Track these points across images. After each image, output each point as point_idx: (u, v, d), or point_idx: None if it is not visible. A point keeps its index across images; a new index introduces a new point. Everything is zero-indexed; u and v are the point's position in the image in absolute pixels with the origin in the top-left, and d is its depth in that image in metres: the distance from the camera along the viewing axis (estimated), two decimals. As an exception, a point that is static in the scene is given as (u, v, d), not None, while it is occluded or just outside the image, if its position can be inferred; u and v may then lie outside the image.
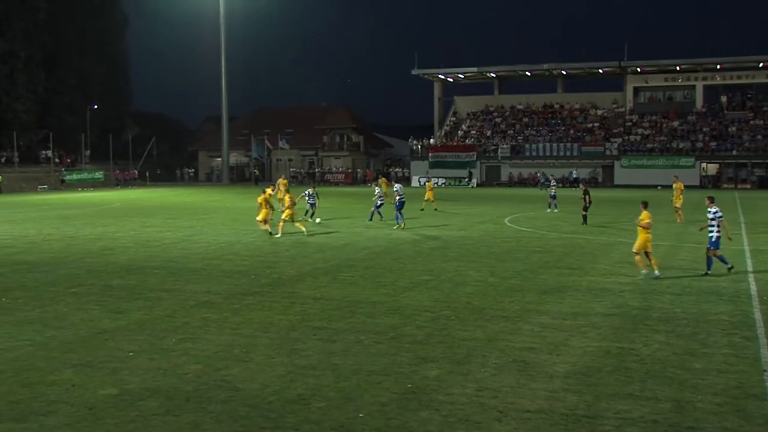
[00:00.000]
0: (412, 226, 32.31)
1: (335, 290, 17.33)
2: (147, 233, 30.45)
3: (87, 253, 24.18)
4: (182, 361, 11.55)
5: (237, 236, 29.03)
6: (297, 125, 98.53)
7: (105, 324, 14.04)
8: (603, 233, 29.49)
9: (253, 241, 27.40)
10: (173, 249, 25.27)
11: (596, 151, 76.91)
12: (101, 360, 11.60)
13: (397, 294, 16.81)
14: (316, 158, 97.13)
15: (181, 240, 27.91)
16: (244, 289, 17.61)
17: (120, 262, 22.10)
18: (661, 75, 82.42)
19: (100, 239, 28.42)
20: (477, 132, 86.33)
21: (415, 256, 23.17)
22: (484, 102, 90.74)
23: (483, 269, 20.27)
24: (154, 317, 14.60)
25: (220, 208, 44.77)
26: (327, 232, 29.99)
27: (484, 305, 15.52)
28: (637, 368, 11.06)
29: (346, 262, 21.76)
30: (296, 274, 19.69)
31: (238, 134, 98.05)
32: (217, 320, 14.29)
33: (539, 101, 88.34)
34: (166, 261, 22.35)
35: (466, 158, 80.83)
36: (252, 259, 22.69)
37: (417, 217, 37.20)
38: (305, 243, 26.50)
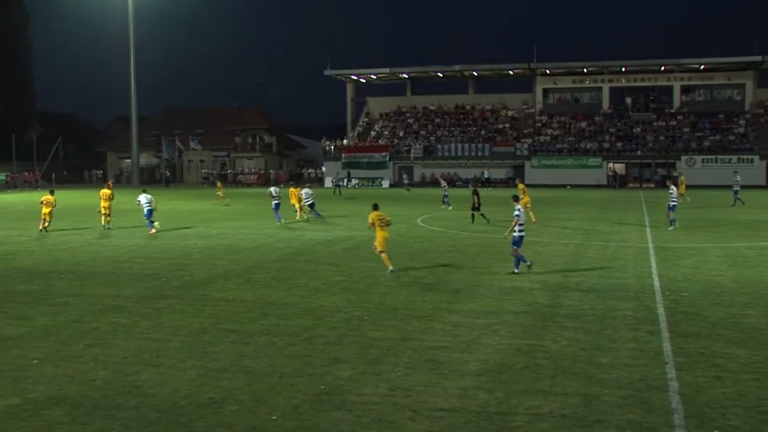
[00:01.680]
0: (324, 227, 32.28)
1: (247, 292, 17.16)
2: (53, 237, 29.50)
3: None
4: (90, 367, 11.23)
5: (147, 239, 28.43)
6: (209, 126, 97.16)
7: (7, 331, 13.53)
8: (513, 232, 30.04)
9: (164, 243, 26.88)
10: (81, 252, 24.56)
11: (507, 152, 78.44)
12: (2, 369, 11.18)
13: (311, 295, 16.77)
14: (228, 159, 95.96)
15: (89, 243, 27.15)
16: (155, 292, 17.26)
17: (24, 267, 21.35)
18: (570, 77, 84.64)
19: (2, 243, 27.38)
20: (390, 132, 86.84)
21: (329, 257, 23.16)
22: (397, 103, 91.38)
23: (400, 273, 20.36)
24: (60, 323, 14.16)
25: (129, 211, 43.74)
26: (239, 233, 29.68)
27: (396, 305, 15.62)
28: (547, 365, 11.32)
29: (259, 264, 21.58)
30: (208, 277, 19.42)
31: (149, 135, 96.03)
32: (126, 325, 13.96)
33: (451, 102, 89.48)
34: (74, 265, 21.71)
35: (379, 158, 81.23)
36: (162, 261, 22.26)
37: (329, 218, 37.15)
38: (216, 245, 26.16)
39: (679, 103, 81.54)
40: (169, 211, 43.18)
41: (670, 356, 11.71)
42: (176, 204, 48.79)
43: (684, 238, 27.49)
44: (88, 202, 52.14)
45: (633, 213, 39.86)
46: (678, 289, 17.37)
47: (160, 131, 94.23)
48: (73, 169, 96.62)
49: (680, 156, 73.65)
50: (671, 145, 76.09)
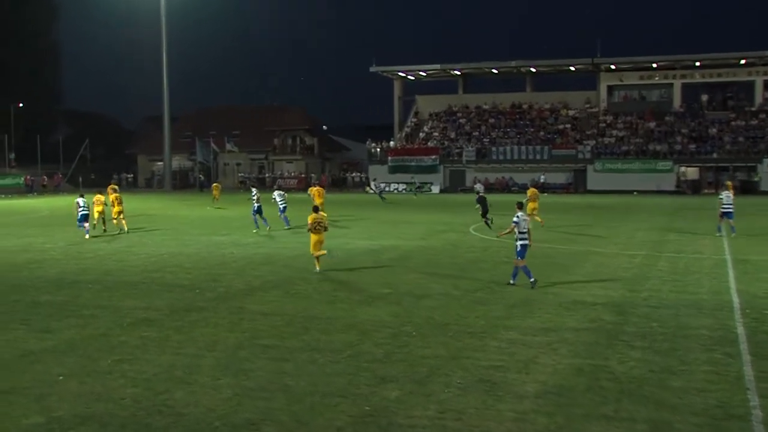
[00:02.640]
0: (371, 236, 32.36)
1: (287, 305, 17.26)
2: (80, 244, 30.02)
3: (10, 267, 23.77)
4: (118, 384, 11.39)
5: (180, 247, 28.78)
6: (245, 126, 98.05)
7: (31, 345, 13.80)
8: (573, 242, 29.79)
9: (198, 252, 27.19)
10: (109, 261, 24.96)
11: (567, 155, 77.80)
12: (26, 385, 11.39)
13: (354, 309, 16.80)
14: (266, 162, 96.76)
15: (117, 251, 27.58)
16: (188, 304, 17.45)
17: (49, 276, 21.77)
18: (637, 72, 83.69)
19: (26, 251, 27.95)
20: (440, 134, 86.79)
21: (373, 267, 23.18)
22: (448, 102, 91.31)
23: (446, 281, 20.33)
24: (87, 336, 14.40)
25: (161, 217, 44.35)
26: (277, 242, 29.89)
27: (447, 320, 15.57)
28: (612, 387, 11.18)
29: (299, 275, 21.69)
30: (244, 288, 19.58)
31: (181, 136, 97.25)
32: (157, 339, 14.14)
33: (506, 101, 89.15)
34: (101, 274, 22.07)
35: (429, 162, 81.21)
36: (196, 271, 22.51)
37: (374, 226, 37.22)
38: (254, 254, 26.38)
39: (761, 100, 80.00)
40: (204, 217, 43.70)
41: (752, 381, 11.46)
42: (210, 210, 49.36)
43: (766, 249, 26.95)
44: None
45: (707, 222, 39.20)
46: (760, 306, 17.02)
47: (194, 132, 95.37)
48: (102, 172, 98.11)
49: (762, 159, 72.21)
50: (752, 147, 74.61)
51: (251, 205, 35.47)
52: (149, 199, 68.69)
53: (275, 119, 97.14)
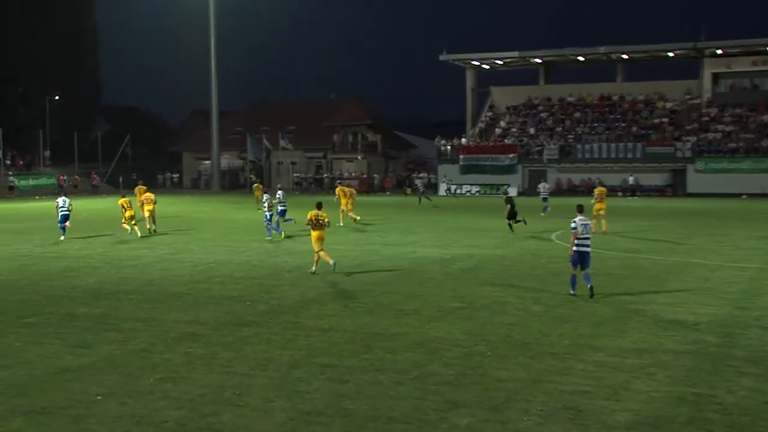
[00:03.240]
0: (441, 244, 32.31)
1: (347, 320, 17.30)
2: (120, 251, 30.59)
3: (45, 276, 24.34)
4: (161, 405, 11.53)
5: (229, 254, 29.12)
6: (302, 122, 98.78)
7: (67, 361, 14.06)
8: (671, 252, 29.32)
9: (248, 260, 27.47)
10: (152, 270, 25.37)
11: (664, 153, 76.48)
12: (61, 405, 11.60)
13: (422, 325, 16.76)
14: (324, 161, 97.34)
15: (161, 259, 28.02)
16: (237, 318, 17.62)
17: (86, 286, 22.20)
18: (748, 58, 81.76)
19: (62, 258, 28.58)
20: (518, 129, 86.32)
21: (444, 279, 23.13)
22: (527, 93, 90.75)
23: (525, 295, 20.18)
24: (127, 353, 14.62)
25: (208, 221, 44.92)
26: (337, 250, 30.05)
27: (526, 339, 15.44)
28: (719, 420, 10.94)
29: (360, 286, 21.75)
30: (300, 300, 19.70)
31: (231, 132, 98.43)
32: (204, 356, 14.28)
33: (594, 92, 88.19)
34: (143, 284, 22.43)
35: (505, 161, 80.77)
36: (247, 281, 22.73)
37: (444, 233, 37.14)
38: (310, 263, 26.50)
39: None
40: (256, 221, 44.10)
41: None
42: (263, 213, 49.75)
43: None
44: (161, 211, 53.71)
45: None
46: None
47: (245, 128, 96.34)
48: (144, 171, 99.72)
49: None
50: None
51: (274, 210, 35.81)
52: (196, 201, 69.69)
53: (334, 114, 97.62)
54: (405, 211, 54.28)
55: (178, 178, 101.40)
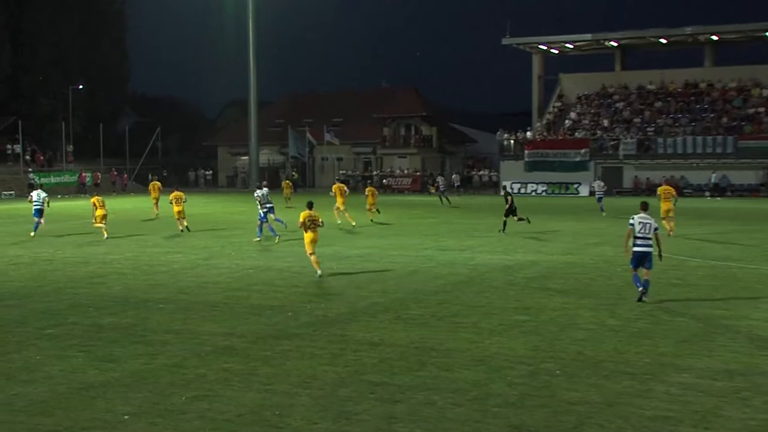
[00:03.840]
0: (504, 249, 32.18)
1: (399, 333, 17.30)
2: (150, 255, 30.92)
3: (68, 282, 24.67)
4: (195, 426, 11.61)
5: (269, 260, 29.30)
6: (349, 114, 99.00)
7: (92, 377, 14.22)
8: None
9: (290, 266, 27.59)
10: (184, 276, 25.61)
11: (760, 147, 75.12)
12: (85, 425, 11.72)
13: (483, 339, 16.70)
14: (373, 157, 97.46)
15: (195, 264, 28.27)
16: (279, 330, 17.70)
17: (113, 294, 22.45)
18: None
19: (87, 263, 28.95)
20: (591, 122, 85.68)
21: (506, 288, 23.03)
22: (601, 81, 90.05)
23: (599, 307, 20.02)
24: (157, 368, 14.74)
25: (246, 223, 45.17)
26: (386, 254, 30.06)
27: (600, 357, 15.32)
28: (818, 447, 10.76)
29: (414, 296, 21.74)
30: (347, 311, 19.73)
31: (271, 125, 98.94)
32: (241, 372, 14.36)
33: (678, 78, 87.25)
34: (175, 292, 22.64)
35: (576, 157, 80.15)
36: (289, 290, 22.83)
37: (508, 237, 37.00)
38: (359, 269, 26.58)
39: None
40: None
41: None
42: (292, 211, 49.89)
43: None
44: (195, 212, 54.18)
45: None
46: None
47: (287, 120, 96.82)
48: (176, 168, 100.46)
49: None
50: None
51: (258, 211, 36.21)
52: (232, 200, 70.16)
53: (385, 105, 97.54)
54: (461, 212, 54.19)
55: (211, 175, 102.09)
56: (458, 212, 54.19)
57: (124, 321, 18.77)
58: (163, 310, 19.98)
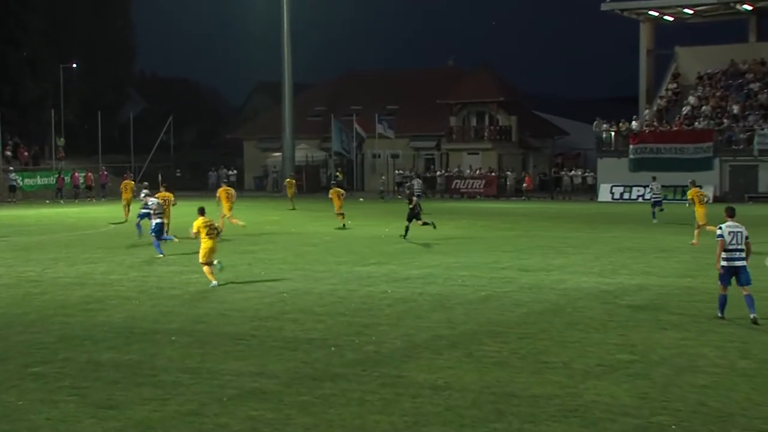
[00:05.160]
0: (601, 270, 31.95)
1: (469, 374, 17.24)
2: (159, 275, 31.08)
3: (59, 308, 24.83)
4: (214, 489, 11.65)
5: (307, 281, 29.35)
6: (407, 100, 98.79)
7: (87, 427, 14.30)
8: None
9: (334, 289, 27.62)
10: (202, 302, 25.75)
11: None
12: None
13: (576, 384, 16.60)
14: (437, 153, 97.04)
15: (215, 287, 28.38)
16: (319, 369, 17.70)
17: (114, 323, 22.57)
18: None
19: (82, 284, 29.16)
20: (715, 107, 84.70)
21: (606, 319, 22.86)
22: (730, 55, 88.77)
23: (726, 345, 19.81)
24: (168, 416, 14.82)
25: (279, 235, 45.30)
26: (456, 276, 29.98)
27: (729, 408, 15.18)
28: None
29: (488, 328, 21.66)
30: (404, 346, 19.69)
31: (310, 113, 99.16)
32: (273, 421, 14.41)
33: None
34: (191, 321, 22.75)
35: (696, 153, 79.26)
36: (331, 318, 22.86)
37: (606, 254, 36.75)
38: (419, 294, 26.50)
39: None
40: (344, 237, 44.33)
41: None
42: (353, 227, 50.01)
43: None
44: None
45: None
46: None
47: (330, 108, 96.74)
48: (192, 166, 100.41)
49: None
50: None
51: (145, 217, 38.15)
52: (261, 207, 70.30)
53: (452, 88, 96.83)
54: (548, 223, 53.93)
55: (236, 175, 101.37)
56: (544, 223, 53.93)
57: (128, 357, 18.85)
58: (176, 344, 20.06)
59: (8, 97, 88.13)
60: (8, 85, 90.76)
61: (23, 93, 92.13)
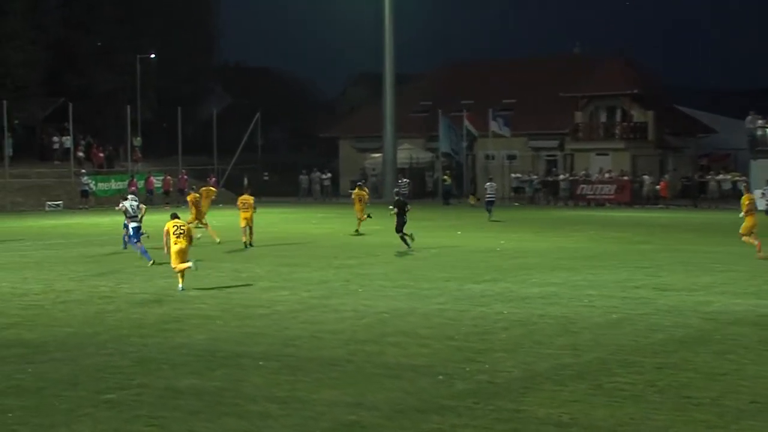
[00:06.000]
0: (758, 290, 31.53)
1: (599, 410, 17.10)
2: (244, 292, 31.33)
3: (134, 328, 25.13)
4: None
5: (411, 300, 29.37)
6: (525, 93, 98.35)
7: (169, 461, 14.44)
8: None
9: (441, 308, 27.58)
10: (292, 322, 25.84)
11: None
12: None
13: (727, 424, 16.36)
14: (560, 154, 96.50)
15: (306, 306, 28.53)
16: (425, 400, 17.65)
17: (194, 346, 22.76)
18: None
19: (159, 301, 29.48)
20: None
21: (762, 349, 22.47)
22: None
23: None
24: (255, 451, 14.87)
25: (378, 247, 45.36)
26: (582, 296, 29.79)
27: None
28: None
29: (620, 356, 21.46)
30: (523, 376, 19.59)
31: (415, 108, 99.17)
32: (371, 460, 14.40)
33: None
34: (280, 344, 22.84)
35: None
36: (440, 343, 22.81)
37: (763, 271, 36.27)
38: (539, 316, 26.36)
39: None
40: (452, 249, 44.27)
41: None
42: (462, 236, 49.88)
43: None
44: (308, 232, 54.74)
45: None
46: None
47: (437, 103, 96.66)
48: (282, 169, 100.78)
49: None
50: None
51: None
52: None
53: (579, 79, 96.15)
54: (693, 234, 53.38)
55: (330, 179, 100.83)
56: (686, 236, 53.39)
57: (210, 384, 18.99)
58: (264, 370, 20.16)
59: (79, 90, 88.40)
60: (79, 77, 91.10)
61: (96, 86, 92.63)
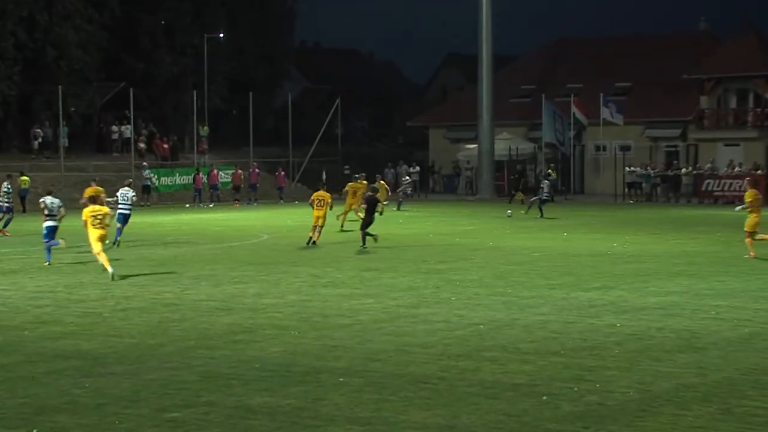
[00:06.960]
0: None
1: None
2: (324, 299, 31.38)
3: (201, 339, 25.27)
4: None
5: (510, 310, 29.30)
6: (641, 75, 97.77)
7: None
8: None
9: (544, 320, 27.48)
10: (377, 334, 25.86)
11: None
12: None
13: None
14: (682, 145, 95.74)
15: (394, 315, 28.54)
16: (527, 423, 17.59)
17: (267, 359, 22.83)
18: None
19: (229, 309, 29.64)
20: None
21: None
22: None
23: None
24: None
25: (475, 251, 45.31)
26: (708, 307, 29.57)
27: None
28: None
29: (753, 376, 21.23)
30: (639, 397, 19.45)
31: (515, 94, 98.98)
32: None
33: None
34: (363, 359, 22.86)
35: None
36: (544, 359, 22.73)
37: None
38: (658, 329, 26.18)
39: None
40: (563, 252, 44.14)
41: None
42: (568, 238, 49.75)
43: None
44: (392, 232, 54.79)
45: None
46: None
47: (539, 87, 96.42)
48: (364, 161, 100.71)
49: None
50: None
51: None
52: (452, 214, 70.39)
53: (704, 59, 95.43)
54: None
55: (418, 173, 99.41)
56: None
57: (285, 402, 19.02)
58: (345, 387, 20.16)
59: (140, 74, 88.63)
60: (140, 59, 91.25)
61: (158, 70, 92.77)
